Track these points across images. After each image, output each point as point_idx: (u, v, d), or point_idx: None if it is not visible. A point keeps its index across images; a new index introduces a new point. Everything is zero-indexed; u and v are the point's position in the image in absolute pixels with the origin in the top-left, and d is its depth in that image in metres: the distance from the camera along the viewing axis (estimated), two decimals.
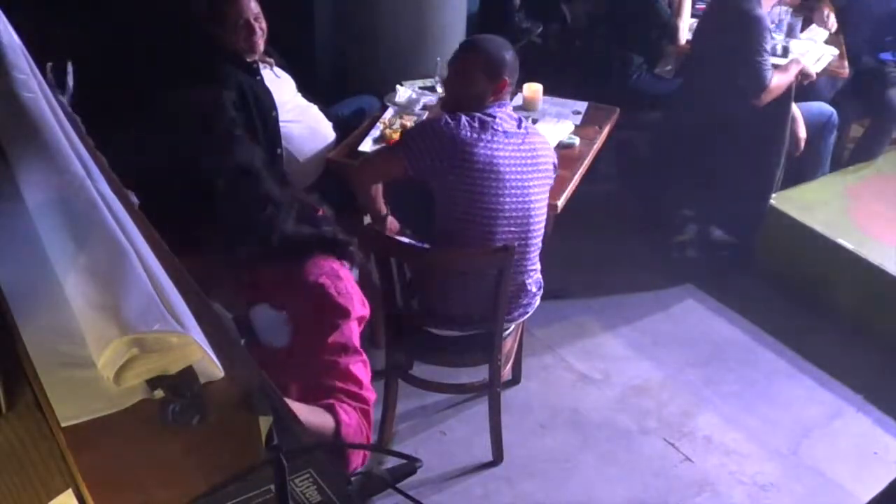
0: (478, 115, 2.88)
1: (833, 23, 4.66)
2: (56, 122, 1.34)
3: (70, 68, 1.74)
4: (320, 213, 1.95)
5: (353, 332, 1.83)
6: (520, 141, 2.90)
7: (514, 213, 2.90)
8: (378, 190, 3.14)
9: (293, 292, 1.82)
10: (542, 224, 3.02)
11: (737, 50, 3.97)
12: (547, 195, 3.03)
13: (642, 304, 4.06)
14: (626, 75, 4.61)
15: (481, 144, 2.84)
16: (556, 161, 3.07)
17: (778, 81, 4.00)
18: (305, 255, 1.83)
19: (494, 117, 2.88)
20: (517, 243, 2.89)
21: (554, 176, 3.05)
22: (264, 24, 3.49)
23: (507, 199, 2.88)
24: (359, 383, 1.81)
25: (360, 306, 1.86)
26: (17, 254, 1.23)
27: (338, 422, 1.73)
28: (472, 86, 2.92)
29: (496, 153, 2.86)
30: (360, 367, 1.83)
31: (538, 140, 2.98)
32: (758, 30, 3.95)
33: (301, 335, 1.81)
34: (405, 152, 2.91)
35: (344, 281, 1.84)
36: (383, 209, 3.18)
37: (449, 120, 2.87)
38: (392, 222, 3.20)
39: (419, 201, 3.41)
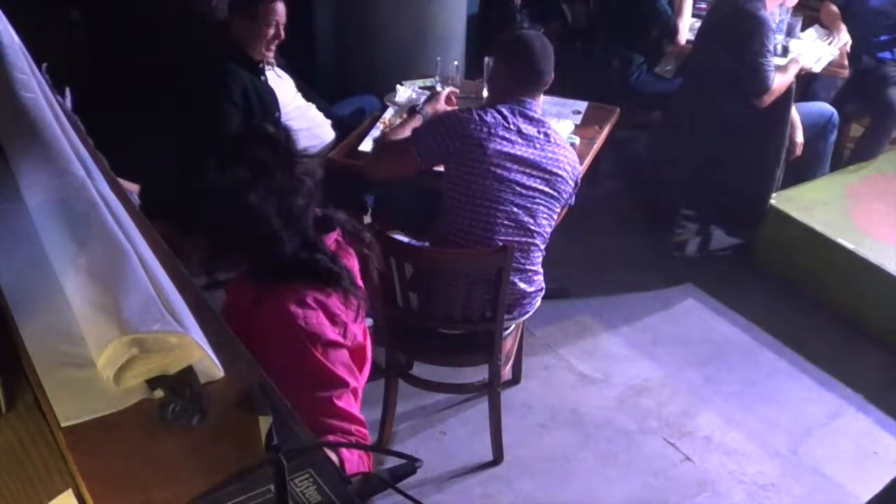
0: (493, 110, 2.92)
1: (842, 41, 4.63)
2: (56, 122, 1.34)
3: (68, 92, 1.75)
4: (331, 239, 1.91)
5: (333, 360, 1.76)
6: (537, 146, 2.91)
7: (514, 211, 2.91)
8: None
9: (266, 315, 1.77)
10: (546, 230, 3.00)
11: (740, 50, 3.97)
12: (558, 207, 3.00)
13: (642, 304, 4.06)
14: (626, 75, 4.61)
15: (491, 139, 2.87)
16: (578, 179, 3.03)
17: (779, 82, 4.00)
18: (290, 280, 1.79)
19: (514, 115, 2.90)
20: (517, 242, 2.89)
21: (570, 192, 3.02)
22: (283, 33, 3.51)
23: (509, 197, 2.89)
24: (350, 418, 1.77)
25: (332, 334, 1.79)
26: (17, 254, 1.23)
27: (340, 459, 1.69)
28: (503, 78, 2.99)
29: (503, 149, 2.87)
30: (348, 399, 1.78)
31: (563, 153, 2.96)
32: (762, 31, 3.94)
33: (282, 371, 1.74)
34: (416, 144, 2.97)
35: (317, 311, 1.77)
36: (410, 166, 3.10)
37: (460, 114, 2.94)
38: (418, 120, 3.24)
39: (419, 201, 3.42)
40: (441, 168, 3.01)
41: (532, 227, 2.95)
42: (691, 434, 3.40)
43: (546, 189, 2.94)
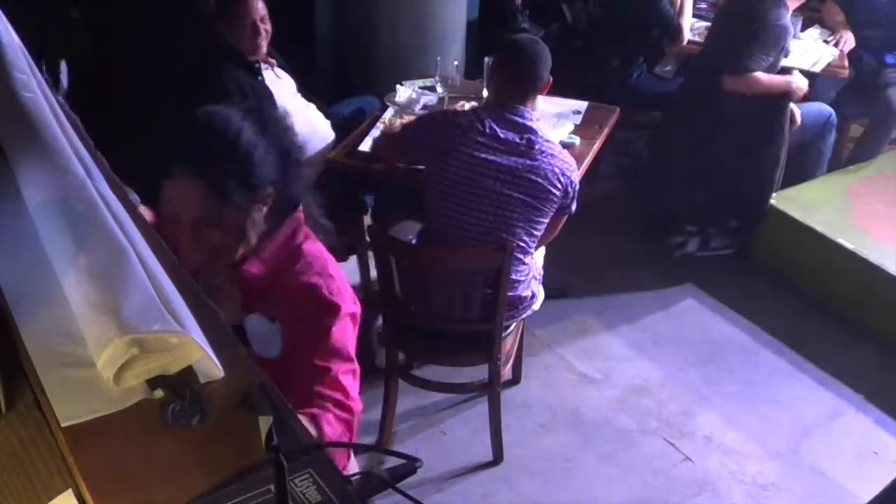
0: (473, 113, 2.94)
1: (849, 44, 4.62)
2: (56, 122, 1.34)
3: (63, 67, 1.75)
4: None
5: (346, 334, 1.82)
6: (514, 153, 2.88)
7: (483, 216, 2.88)
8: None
9: (286, 292, 1.82)
10: (524, 239, 2.95)
11: (747, 48, 3.96)
12: (539, 217, 2.94)
13: (642, 304, 4.06)
14: (626, 75, 4.61)
15: (462, 140, 2.87)
16: (571, 188, 2.95)
17: (765, 80, 4.00)
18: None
19: (495, 119, 2.88)
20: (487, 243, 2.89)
21: (558, 201, 2.95)
22: (269, 26, 3.50)
23: (480, 202, 2.87)
24: (345, 393, 1.81)
25: (351, 304, 1.86)
26: (17, 254, 1.23)
27: (321, 433, 1.73)
28: (496, 83, 3.02)
29: (473, 152, 2.86)
30: (349, 377, 1.82)
31: (547, 161, 2.89)
32: (782, 39, 3.94)
33: (295, 336, 1.81)
34: (404, 140, 3.08)
35: (335, 279, 1.85)
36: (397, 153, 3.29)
37: (442, 115, 3.02)
38: None
39: (420, 200, 3.41)
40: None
41: (504, 236, 2.89)
42: (691, 434, 3.40)
43: (522, 197, 2.88)
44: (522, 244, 2.95)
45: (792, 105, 4.11)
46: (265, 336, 1.80)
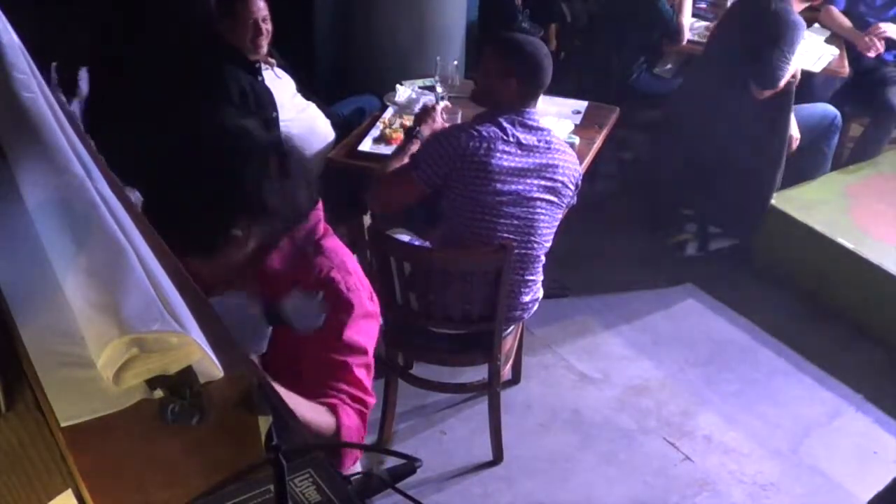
0: (490, 123, 2.88)
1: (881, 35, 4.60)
2: (56, 122, 1.34)
3: (83, 73, 1.75)
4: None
5: (360, 330, 1.84)
6: (537, 155, 2.89)
7: (515, 223, 2.89)
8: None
9: (305, 286, 1.83)
10: (548, 238, 3.00)
11: (758, 48, 3.93)
12: (559, 213, 2.99)
13: (642, 304, 4.06)
14: (626, 75, 4.61)
15: (491, 154, 2.84)
16: (578, 181, 3.01)
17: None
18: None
19: (513, 125, 2.87)
20: (517, 250, 2.89)
21: (572, 194, 3.00)
22: (270, 26, 3.50)
23: (510, 209, 2.88)
24: (362, 387, 1.84)
25: (367, 302, 1.87)
26: (17, 254, 1.23)
27: (339, 423, 1.77)
28: (507, 90, 2.90)
29: (503, 163, 2.85)
30: (364, 371, 1.85)
31: (563, 158, 2.94)
32: (796, 35, 3.91)
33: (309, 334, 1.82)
34: (416, 173, 2.91)
35: (353, 276, 1.86)
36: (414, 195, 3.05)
37: (457, 133, 2.89)
38: None
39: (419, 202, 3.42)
40: None
41: (533, 238, 2.93)
42: (691, 434, 3.40)
43: (547, 197, 2.92)
44: (546, 245, 2.99)
45: (792, 128, 4.10)
46: (306, 311, 1.73)
